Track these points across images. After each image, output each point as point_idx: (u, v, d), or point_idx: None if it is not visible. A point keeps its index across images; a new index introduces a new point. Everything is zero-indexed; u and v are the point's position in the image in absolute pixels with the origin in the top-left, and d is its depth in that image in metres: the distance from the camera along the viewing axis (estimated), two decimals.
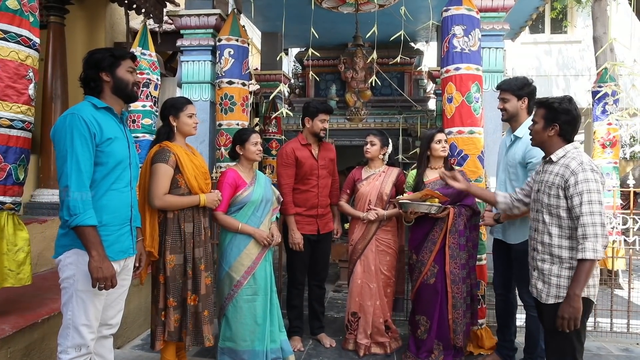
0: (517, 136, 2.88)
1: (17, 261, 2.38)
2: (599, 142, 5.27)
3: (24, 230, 2.44)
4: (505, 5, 4.03)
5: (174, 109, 2.68)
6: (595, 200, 2.01)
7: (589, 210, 2.01)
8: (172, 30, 5.45)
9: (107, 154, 2.02)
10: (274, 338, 2.96)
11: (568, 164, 2.10)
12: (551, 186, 2.14)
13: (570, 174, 2.07)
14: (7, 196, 2.39)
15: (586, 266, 2.00)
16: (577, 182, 2.04)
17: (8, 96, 2.38)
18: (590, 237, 1.99)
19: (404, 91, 7.03)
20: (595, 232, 1.99)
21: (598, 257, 1.97)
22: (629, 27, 7.54)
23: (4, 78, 2.36)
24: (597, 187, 2.03)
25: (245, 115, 4.28)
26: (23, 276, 2.42)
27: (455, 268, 3.00)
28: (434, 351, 3.04)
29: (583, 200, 2.02)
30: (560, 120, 2.16)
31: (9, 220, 2.39)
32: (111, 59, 2.09)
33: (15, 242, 2.40)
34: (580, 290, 2.01)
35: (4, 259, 2.35)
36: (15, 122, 2.41)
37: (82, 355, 2.01)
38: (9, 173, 2.39)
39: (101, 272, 1.91)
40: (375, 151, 3.37)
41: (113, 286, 1.98)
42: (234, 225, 2.89)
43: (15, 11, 2.39)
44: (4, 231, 2.36)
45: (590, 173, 2.04)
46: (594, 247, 1.98)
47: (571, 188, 2.06)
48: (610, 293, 3.98)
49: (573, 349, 2.11)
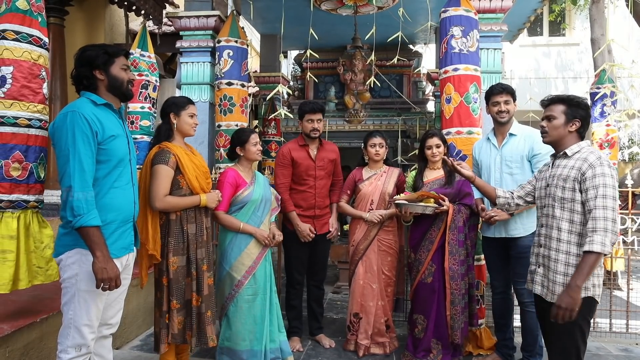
0: (513, 134, 2.99)
1: (45, 258, 2.42)
2: (597, 143, 5.28)
3: (48, 227, 2.47)
4: (503, 6, 4.04)
5: (175, 107, 2.68)
6: (609, 195, 2.00)
7: (603, 204, 1.99)
8: (171, 31, 5.47)
9: (109, 151, 2.01)
10: (273, 338, 2.96)
11: (586, 158, 2.09)
12: (566, 179, 2.12)
13: (588, 167, 2.06)
14: (30, 194, 2.42)
15: (591, 259, 1.97)
16: (595, 175, 2.03)
17: (24, 96, 2.40)
18: (599, 231, 1.97)
19: (403, 93, 7.04)
20: (606, 226, 1.97)
21: (605, 251, 1.95)
22: (626, 29, 7.56)
23: (20, 78, 2.38)
24: (613, 182, 2.02)
25: (244, 117, 4.29)
26: (52, 272, 2.45)
27: (454, 264, 3.00)
28: (432, 350, 3.04)
29: (598, 194, 2.00)
30: (581, 116, 2.16)
31: (33, 218, 2.43)
32: (105, 56, 2.05)
33: (42, 239, 2.42)
34: (582, 282, 1.98)
35: (32, 257, 2.38)
36: (33, 121, 2.44)
37: (82, 355, 2.00)
38: (30, 172, 2.42)
39: (106, 272, 1.89)
40: (384, 152, 3.40)
41: (117, 286, 1.96)
42: (235, 224, 2.89)
43: (25, 12, 2.41)
44: (30, 229, 2.39)
45: (607, 168, 2.03)
46: (603, 241, 1.95)
47: (588, 181, 2.04)
48: (609, 294, 3.98)
49: (577, 348, 2.08)
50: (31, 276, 2.37)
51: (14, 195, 2.37)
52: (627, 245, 3.93)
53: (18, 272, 2.32)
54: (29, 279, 2.36)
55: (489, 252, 3.11)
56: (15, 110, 2.37)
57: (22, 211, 2.39)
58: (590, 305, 2.07)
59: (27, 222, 2.38)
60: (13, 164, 2.36)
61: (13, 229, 2.32)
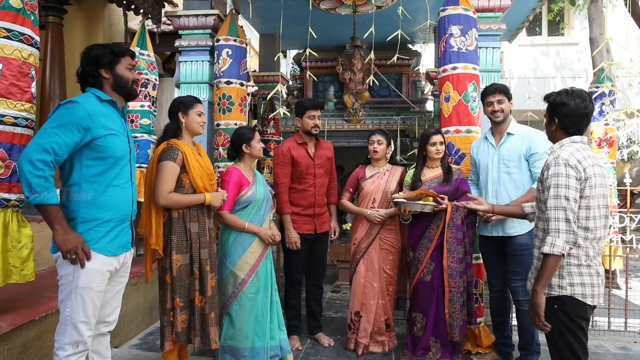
0: (510, 133, 2.99)
1: (21, 258, 2.40)
2: (596, 142, 5.28)
3: (28, 227, 2.45)
4: (501, 5, 4.04)
5: (183, 106, 2.69)
6: (561, 195, 1.96)
7: (553, 205, 1.97)
8: (170, 30, 5.45)
9: (106, 148, 2.02)
10: (274, 335, 2.97)
11: (548, 158, 2.10)
12: (540, 180, 2.15)
13: (545, 168, 2.07)
14: (12, 193, 2.40)
15: (547, 261, 1.96)
16: (548, 176, 2.02)
17: (12, 94, 2.39)
18: (551, 232, 1.97)
19: (402, 92, 7.04)
20: (557, 227, 1.95)
21: (554, 251, 1.93)
22: (625, 28, 7.57)
23: (8, 76, 2.37)
24: (566, 182, 1.96)
25: (243, 116, 4.28)
26: (27, 272, 2.43)
27: (453, 262, 3.00)
28: (431, 349, 3.04)
29: (550, 195, 1.99)
30: (558, 114, 2.12)
31: (13, 217, 2.40)
32: (111, 55, 2.09)
33: (19, 238, 2.40)
34: (539, 286, 1.98)
35: (8, 255, 2.36)
36: (19, 119, 2.42)
37: (79, 352, 2.00)
38: (13, 170, 2.39)
39: (69, 243, 1.91)
40: (383, 150, 3.39)
41: (85, 253, 1.95)
42: (240, 224, 2.89)
43: (18, 10, 2.39)
44: (8, 228, 2.37)
45: (562, 167, 1.98)
46: (552, 242, 1.94)
47: (545, 182, 2.05)
48: (608, 292, 3.99)
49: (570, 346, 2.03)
50: (5, 275, 2.35)
51: None
52: (625, 244, 3.94)
53: None
54: (3, 277, 2.33)
55: (486, 250, 3.12)
56: (2, 108, 2.35)
57: (2, 210, 2.36)
58: (573, 304, 2.00)
59: (6, 220, 2.36)
60: None
61: None
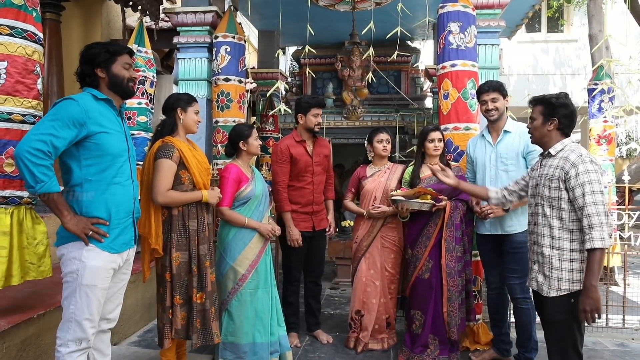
0: (507, 130, 2.99)
1: (38, 254, 2.41)
2: (594, 139, 5.28)
3: (42, 224, 2.47)
4: (501, 2, 4.03)
5: (182, 102, 2.70)
6: (597, 190, 2.06)
7: (592, 201, 2.04)
8: (168, 27, 5.43)
9: (101, 146, 2.02)
10: (273, 331, 2.97)
11: (567, 157, 2.15)
12: (551, 179, 2.18)
13: (570, 166, 2.12)
14: (24, 191, 2.40)
15: (597, 255, 2.02)
16: (578, 174, 2.09)
17: (19, 91, 2.39)
18: (596, 227, 2.02)
19: (401, 89, 7.04)
20: (601, 221, 2.02)
21: (606, 245, 2.00)
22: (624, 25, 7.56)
23: (14, 74, 2.37)
24: (598, 177, 2.08)
25: (242, 113, 4.28)
26: (44, 268, 2.45)
27: (451, 261, 3.00)
28: (430, 346, 3.05)
29: (585, 191, 2.06)
30: (558, 114, 2.22)
31: (27, 215, 2.42)
32: (106, 55, 2.10)
33: (35, 235, 2.42)
34: (595, 281, 2.03)
35: (25, 252, 2.37)
36: (27, 117, 2.43)
37: (81, 349, 2.02)
38: None
39: (81, 223, 1.96)
40: (390, 149, 3.40)
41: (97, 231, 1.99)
42: (240, 220, 2.89)
43: (20, 6, 2.39)
44: (23, 225, 2.38)
45: (590, 164, 2.09)
46: (602, 236, 2.01)
47: (572, 180, 2.10)
48: (605, 289, 4.00)
49: (574, 340, 2.14)
50: (23, 272, 2.37)
51: (7, 191, 2.36)
52: (623, 241, 3.94)
53: (11, 268, 2.32)
54: (21, 275, 2.35)
55: (483, 248, 3.12)
56: (9, 106, 2.36)
57: (16, 207, 2.38)
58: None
59: (20, 218, 2.38)
60: (7, 159, 2.35)
61: (6, 225, 2.32)
